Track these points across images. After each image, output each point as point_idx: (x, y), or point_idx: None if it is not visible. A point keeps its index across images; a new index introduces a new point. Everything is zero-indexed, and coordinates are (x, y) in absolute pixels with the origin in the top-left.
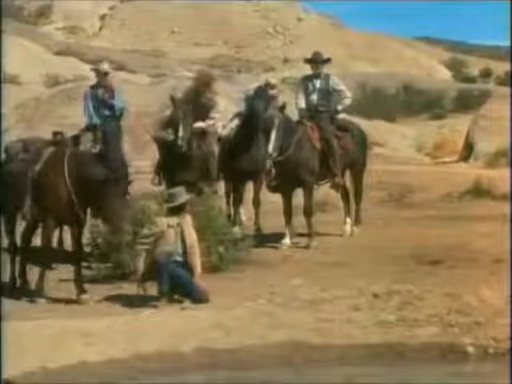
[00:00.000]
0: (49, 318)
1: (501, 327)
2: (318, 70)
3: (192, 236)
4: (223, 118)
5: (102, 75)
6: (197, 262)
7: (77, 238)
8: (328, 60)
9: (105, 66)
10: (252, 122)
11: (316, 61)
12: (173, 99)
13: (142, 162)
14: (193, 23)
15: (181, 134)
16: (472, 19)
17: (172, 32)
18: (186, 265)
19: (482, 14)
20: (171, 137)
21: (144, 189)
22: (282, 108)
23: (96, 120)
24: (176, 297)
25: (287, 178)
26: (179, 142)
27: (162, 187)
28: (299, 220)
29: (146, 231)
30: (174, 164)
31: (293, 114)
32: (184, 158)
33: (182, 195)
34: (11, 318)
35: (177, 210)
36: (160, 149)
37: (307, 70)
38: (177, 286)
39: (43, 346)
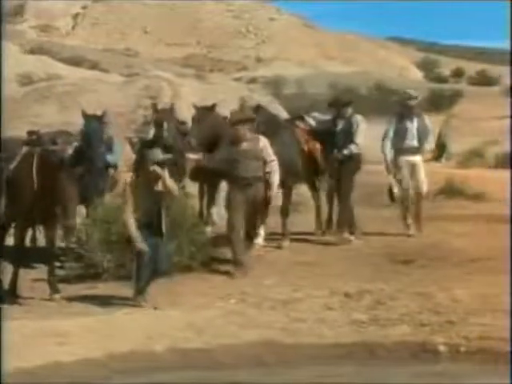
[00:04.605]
0: (21, 318)
1: (473, 326)
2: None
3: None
4: None
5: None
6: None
7: (50, 238)
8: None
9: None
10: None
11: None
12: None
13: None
14: (165, 23)
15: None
16: (445, 19)
17: (145, 32)
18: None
19: (455, 15)
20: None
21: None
22: (257, 109)
23: None
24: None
25: None
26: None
27: None
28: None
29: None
30: None
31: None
32: None
33: (158, 155)
34: None
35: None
36: (135, 150)
37: (279, 69)
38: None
39: (16, 346)
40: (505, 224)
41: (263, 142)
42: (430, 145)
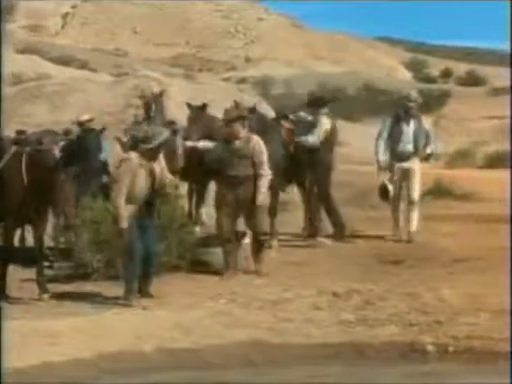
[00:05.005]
0: (10, 319)
1: (461, 326)
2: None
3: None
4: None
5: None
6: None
7: (38, 238)
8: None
9: (83, 117)
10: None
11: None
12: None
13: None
14: (154, 23)
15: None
16: (433, 19)
17: (134, 31)
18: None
19: (443, 15)
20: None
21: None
22: (252, 109)
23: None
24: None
25: None
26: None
27: None
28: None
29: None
30: None
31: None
32: None
33: (162, 134)
34: None
35: (151, 154)
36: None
37: (268, 69)
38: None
39: (8, 346)
40: (493, 224)
41: (255, 141)
42: (431, 149)
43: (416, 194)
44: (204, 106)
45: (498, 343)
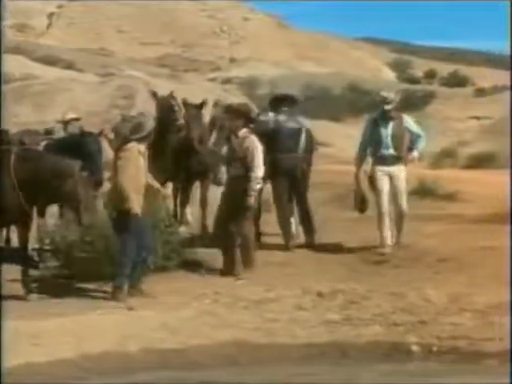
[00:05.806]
0: None
1: (445, 326)
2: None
3: None
4: None
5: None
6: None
7: (23, 238)
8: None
9: (67, 116)
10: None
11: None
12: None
13: None
14: (140, 22)
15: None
16: (418, 20)
17: (119, 31)
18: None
19: (428, 16)
20: None
21: None
22: (228, 108)
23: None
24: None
25: None
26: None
27: None
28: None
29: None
30: None
31: None
32: None
33: (148, 122)
34: None
35: (144, 141)
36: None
37: (253, 69)
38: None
39: None
40: (478, 224)
41: (250, 141)
42: (417, 152)
43: (404, 204)
44: (202, 104)
45: (482, 343)
